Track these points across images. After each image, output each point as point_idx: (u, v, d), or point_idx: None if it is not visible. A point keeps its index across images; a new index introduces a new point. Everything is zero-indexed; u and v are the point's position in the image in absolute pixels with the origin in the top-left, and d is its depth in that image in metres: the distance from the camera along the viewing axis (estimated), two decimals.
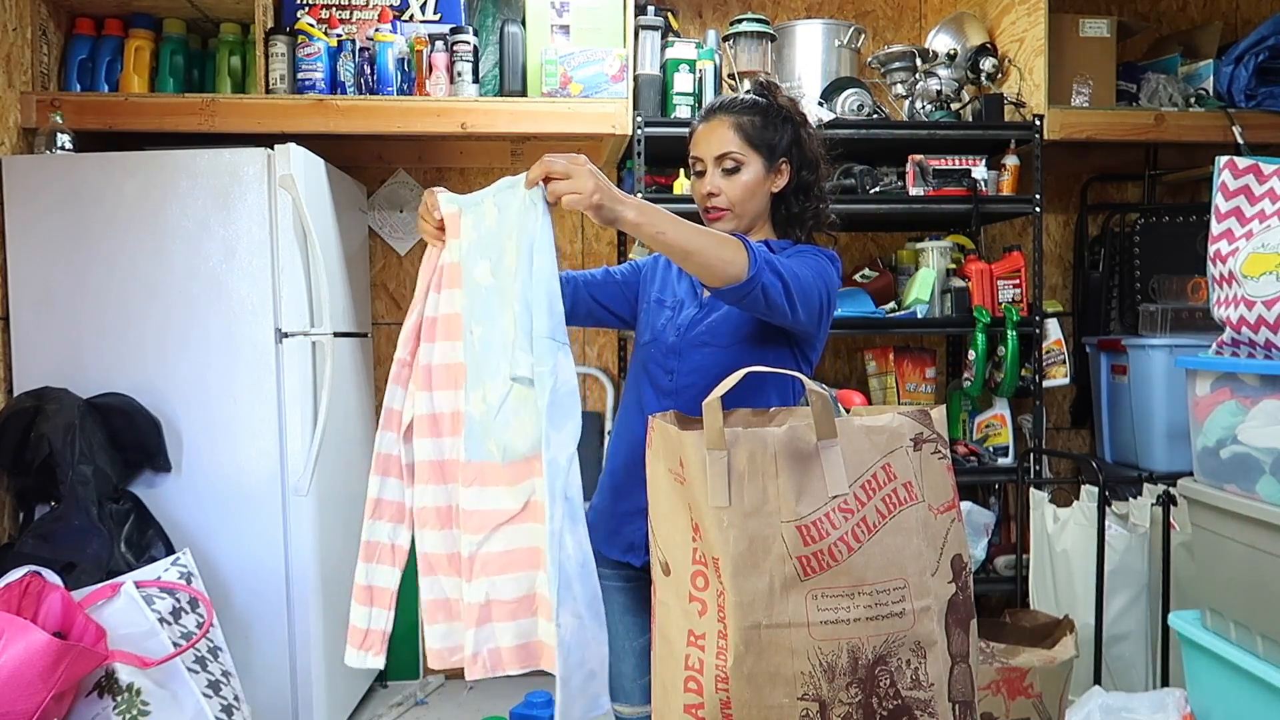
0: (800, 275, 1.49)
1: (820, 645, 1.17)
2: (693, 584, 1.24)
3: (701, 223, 1.67)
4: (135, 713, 2.03)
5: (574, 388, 1.31)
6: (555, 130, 2.86)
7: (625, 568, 1.66)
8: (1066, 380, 3.05)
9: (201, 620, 2.23)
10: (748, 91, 1.70)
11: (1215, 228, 1.95)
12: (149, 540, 2.42)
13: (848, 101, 2.95)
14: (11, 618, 1.92)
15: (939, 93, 3.00)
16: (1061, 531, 2.75)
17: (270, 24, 2.83)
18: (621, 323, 1.77)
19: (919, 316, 2.93)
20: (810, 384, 1.24)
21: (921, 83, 3.02)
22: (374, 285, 3.35)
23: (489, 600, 1.32)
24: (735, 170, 1.62)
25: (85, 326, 2.51)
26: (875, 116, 2.96)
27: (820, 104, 2.92)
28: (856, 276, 3.19)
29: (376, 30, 2.90)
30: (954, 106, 3.02)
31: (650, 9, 2.97)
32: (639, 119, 2.79)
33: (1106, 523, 2.56)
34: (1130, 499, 2.70)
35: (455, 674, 3.35)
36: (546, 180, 1.32)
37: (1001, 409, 3.05)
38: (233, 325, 2.51)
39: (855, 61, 3.13)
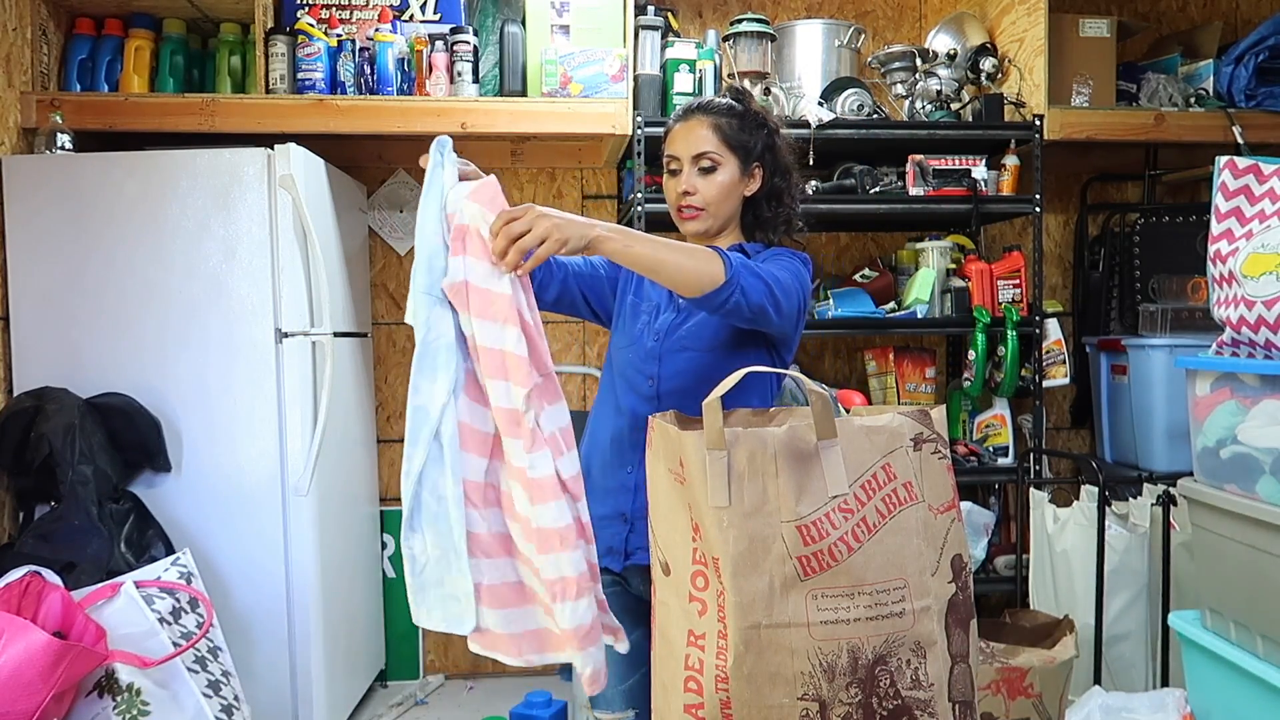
0: (781, 279, 1.51)
1: (820, 645, 1.17)
2: (693, 584, 1.24)
3: (673, 224, 1.69)
4: (135, 713, 2.04)
5: (450, 341, 1.34)
6: (555, 130, 2.86)
7: (603, 573, 1.64)
8: (1066, 380, 3.05)
9: (201, 620, 2.23)
10: (722, 95, 1.71)
11: (1215, 228, 1.95)
12: (149, 540, 2.42)
13: (848, 101, 2.95)
14: (11, 618, 1.92)
15: (939, 93, 3.00)
16: (1061, 531, 2.75)
17: (270, 24, 2.83)
18: (595, 317, 1.77)
19: (919, 316, 2.93)
20: (810, 384, 1.24)
21: (921, 83, 3.02)
22: (374, 285, 3.35)
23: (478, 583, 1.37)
24: (712, 170, 1.62)
25: (85, 326, 2.52)
26: (875, 116, 2.96)
27: (820, 104, 2.92)
28: (856, 276, 3.19)
29: (376, 30, 2.90)
30: (954, 106, 3.02)
31: (650, 9, 2.97)
32: (639, 119, 2.79)
33: (1106, 523, 2.56)
34: (1130, 499, 2.70)
35: (455, 674, 3.36)
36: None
37: (1001, 409, 3.05)
38: (233, 325, 2.51)
39: (855, 61, 3.13)
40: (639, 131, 2.78)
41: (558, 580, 1.30)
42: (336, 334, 2.70)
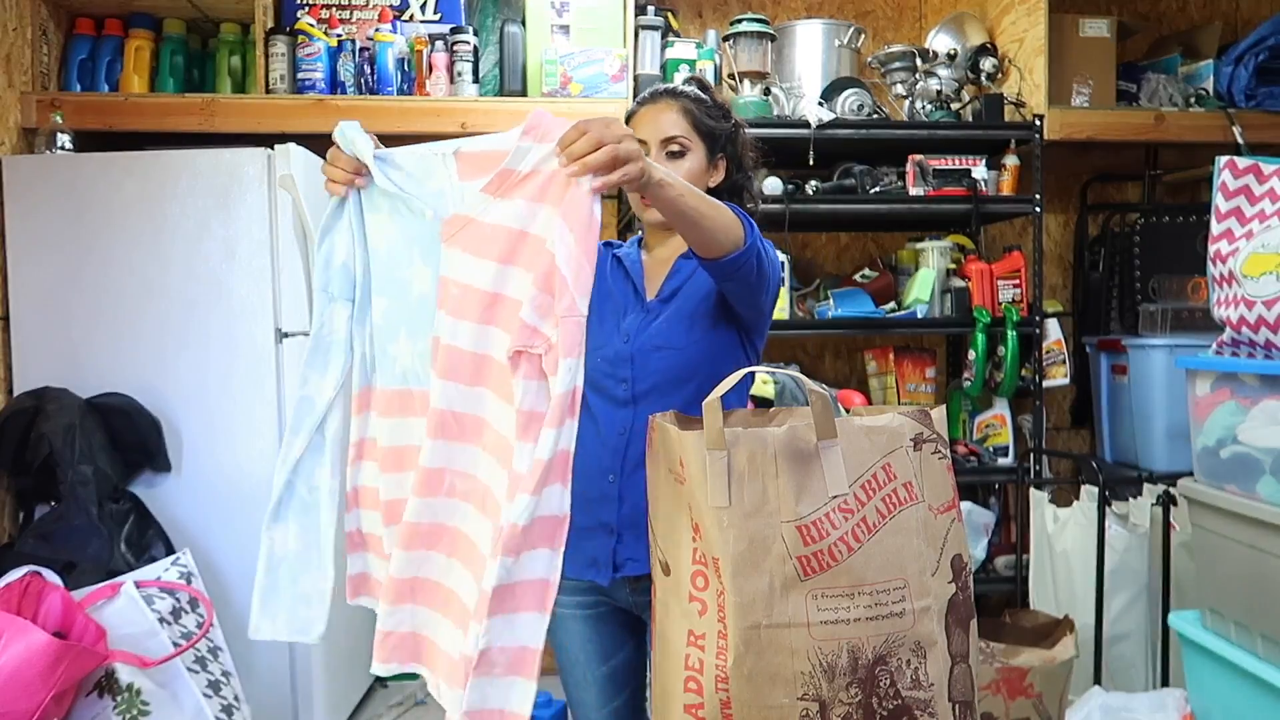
0: (768, 252, 1.49)
1: (820, 645, 1.17)
2: (693, 584, 1.24)
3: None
4: (135, 713, 2.03)
5: (342, 339, 1.34)
6: None
7: (587, 589, 1.57)
8: (1066, 380, 3.05)
9: (201, 620, 2.23)
10: (687, 81, 1.67)
11: (1215, 228, 1.95)
12: (149, 540, 2.42)
13: (848, 101, 2.95)
14: (12, 618, 1.92)
15: (939, 93, 3.00)
16: (1061, 531, 2.75)
17: (270, 24, 2.83)
18: None
19: (919, 316, 2.93)
20: (810, 384, 1.24)
21: (921, 83, 3.02)
22: None
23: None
24: (680, 155, 1.55)
25: (85, 326, 2.51)
26: (875, 116, 2.96)
27: (820, 104, 2.92)
28: (856, 276, 3.19)
29: (376, 30, 2.90)
30: (954, 106, 3.02)
31: (650, 9, 2.97)
32: None
33: (1106, 523, 2.56)
34: (1130, 499, 2.70)
35: None
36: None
37: (1001, 409, 3.05)
38: (233, 325, 2.51)
39: (855, 61, 3.13)
40: None
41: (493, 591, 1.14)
42: None
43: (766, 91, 2.93)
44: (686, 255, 1.57)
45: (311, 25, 2.80)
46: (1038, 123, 2.91)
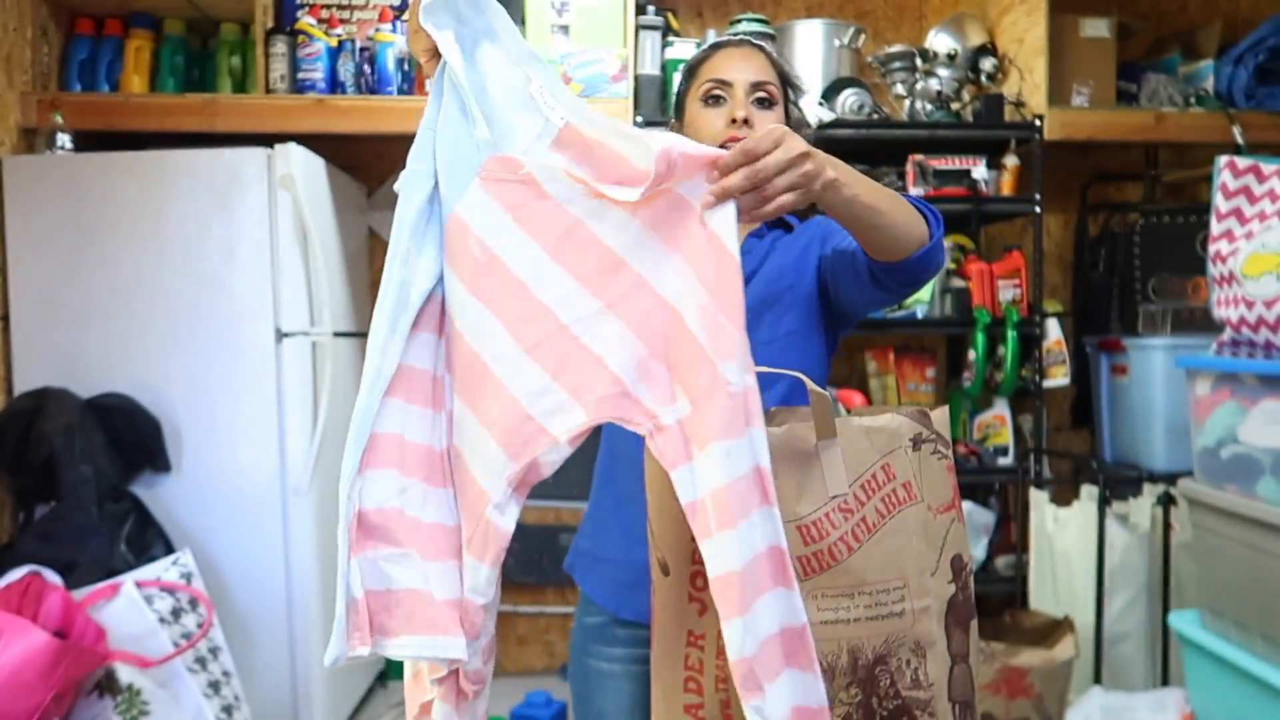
0: None
1: (820, 645, 1.17)
2: (692, 584, 1.24)
3: None
4: (135, 713, 2.04)
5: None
6: None
7: (648, 640, 1.27)
8: (1066, 380, 3.05)
9: (201, 620, 2.24)
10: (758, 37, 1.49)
11: (1215, 228, 1.95)
12: (149, 540, 2.42)
13: (848, 101, 2.95)
14: (12, 618, 1.92)
15: (939, 93, 3.00)
16: (1061, 531, 2.75)
17: (270, 24, 2.83)
18: None
19: (919, 317, 2.93)
20: (810, 384, 1.24)
21: (921, 83, 3.02)
22: (374, 285, 3.35)
23: None
24: (769, 104, 1.30)
25: (85, 326, 2.52)
26: (875, 116, 2.96)
27: (820, 104, 2.92)
28: None
29: (376, 30, 2.90)
30: (954, 106, 3.02)
31: (650, 9, 2.97)
32: (639, 119, 2.79)
33: (1106, 523, 2.56)
34: (1130, 499, 2.70)
35: None
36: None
37: (1001, 409, 3.05)
38: (232, 325, 2.51)
39: (855, 61, 3.13)
40: None
41: None
42: (336, 334, 2.70)
43: None
44: (758, 233, 1.39)
45: (311, 25, 2.80)
46: (1038, 123, 2.91)
